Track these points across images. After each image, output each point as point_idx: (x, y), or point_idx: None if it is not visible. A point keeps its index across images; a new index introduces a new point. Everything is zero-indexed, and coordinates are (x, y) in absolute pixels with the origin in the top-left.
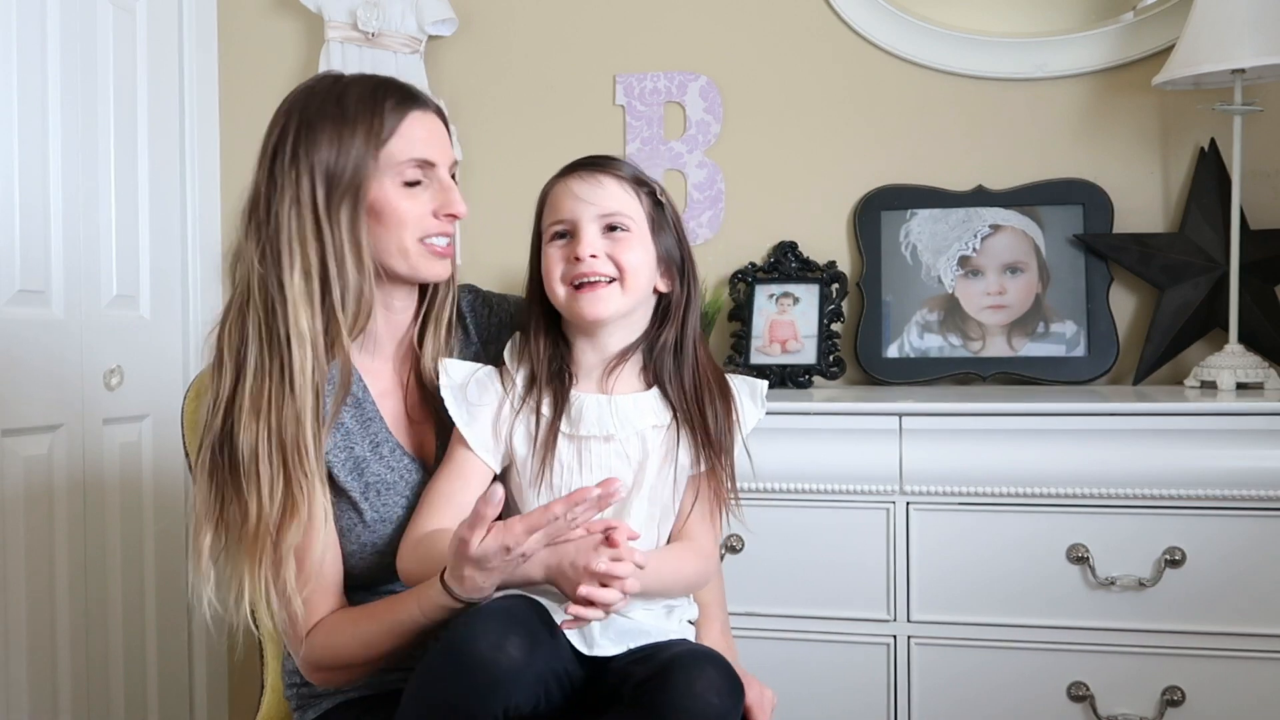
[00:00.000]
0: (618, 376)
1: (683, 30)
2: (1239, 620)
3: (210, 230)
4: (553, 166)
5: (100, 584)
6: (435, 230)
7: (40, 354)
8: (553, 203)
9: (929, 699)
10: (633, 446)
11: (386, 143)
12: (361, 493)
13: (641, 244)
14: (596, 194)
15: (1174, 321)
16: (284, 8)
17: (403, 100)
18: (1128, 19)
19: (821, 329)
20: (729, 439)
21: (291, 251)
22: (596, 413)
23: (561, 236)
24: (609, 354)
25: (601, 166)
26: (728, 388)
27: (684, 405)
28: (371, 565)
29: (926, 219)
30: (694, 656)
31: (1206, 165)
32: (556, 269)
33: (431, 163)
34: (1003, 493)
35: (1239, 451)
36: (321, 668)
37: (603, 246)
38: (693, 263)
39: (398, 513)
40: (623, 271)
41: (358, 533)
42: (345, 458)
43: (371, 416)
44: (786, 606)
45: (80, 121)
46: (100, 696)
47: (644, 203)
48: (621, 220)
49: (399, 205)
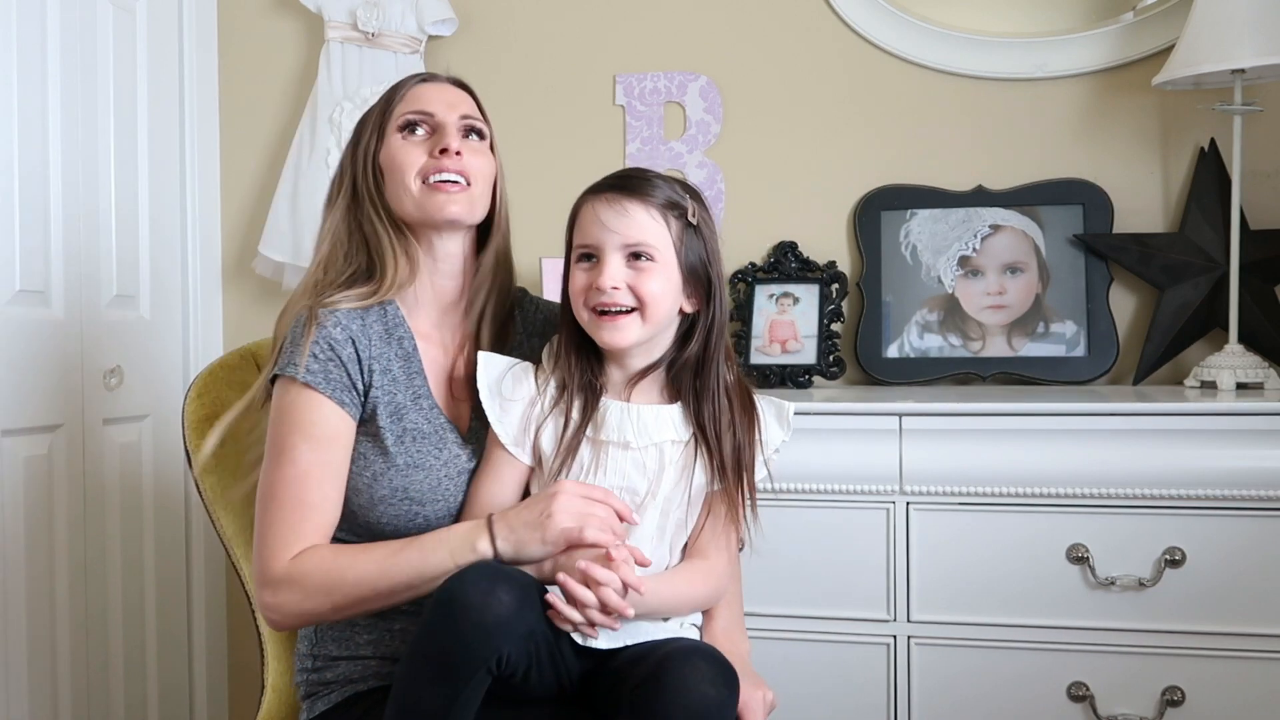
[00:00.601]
0: (640, 388)
1: (683, 30)
2: (1239, 620)
3: (210, 230)
4: (553, 167)
5: (100, 584)
6: (433, 169)
7: (40, 354)
8: (581, 224)
9: (929, 699)
10: (650, 457)
11: (393, 110)
12: (398, 437)
13: (665, 273)
14: (621, 223)
15: (1174, 321)
16: (284, 8)
17: (418, 79)
18: (1128, 19)
19: (821, 329)
20: (749, 459)
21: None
22: (619, 420)
23: (587, 259)
24: (631, 371)
25: (630, 191)
26: (753, 410)
27: (702, 424)
28: (402, 514)
29: (926, 219)
30: (685, 651)
31: (1206, 165)
32: (580, 293)
33: (429, 112)
34: (1003, 493)
35: (1239, 451)
36: (299, 581)
37: (624, 277)
38: (721, 284)
39: (430, 461)
40: (643, 303)
41: (389, 477)
42: (388, 400)
43: (417, 371)
44: (786, 606)
45: (80, 121)
46: (100, 696)
47: (673, 228)
48: (646, 249)
49: (396, 152)
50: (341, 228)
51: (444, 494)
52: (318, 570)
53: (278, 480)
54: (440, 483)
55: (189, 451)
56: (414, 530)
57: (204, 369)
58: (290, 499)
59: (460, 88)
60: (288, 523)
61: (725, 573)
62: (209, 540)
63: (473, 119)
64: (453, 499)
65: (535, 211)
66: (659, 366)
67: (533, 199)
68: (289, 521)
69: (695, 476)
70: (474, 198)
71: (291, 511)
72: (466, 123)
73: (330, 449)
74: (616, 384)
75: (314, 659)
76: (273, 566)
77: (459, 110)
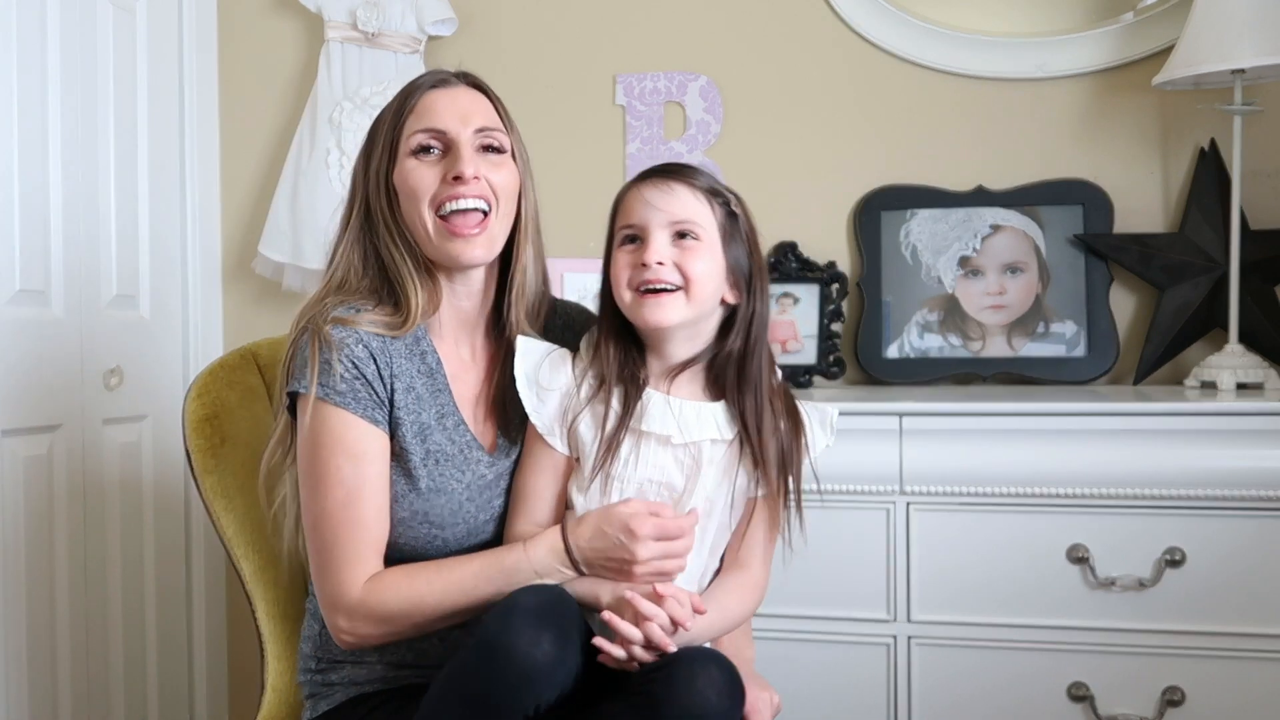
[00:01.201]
0: (680, 383)
1: (683, 30)
2: (1239, 620)
3: (210, 230)
4: (553, 166)
5: (100, 584)
6: (447, 195)
7: (40, 354)
8: (625, 207)
9: (929, 699)
10: (689, 454)
11: (404, 124)
12: (422, 459)
13: (710, 253)
14: (668, 200)
15: (1174, 321)
16: (284, 8)
17: (430, 84)
18: (1128, 19)
19: (822, 329)
20: (795, 466)
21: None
22: (661, 412)
23: (631, 241)
24: (672, 362)
25: (676, 174)
26: (798, 414)
27: (745, 423)
28: (420, 536)
29: (926, 219)
30: (698, 655)
31: (1206, 165)
32: (624, 274)
33: (441, 130)
34: (1003, 493)
35: (1239, 451)
36: (378, 614)
37: (671, 255)
38: (764, 277)
39: (452, 485)
40: (689, 280)
41: (410, 500)
42: (413, 420)
43: (441, 388)
44: (786, 606)
45: (80, 121)
46: (100, 696)
47: (717, 213)
48: (691, 228)
49: (408, 176)
50: (356, 251)
51: (465, 517)
52: (395, 600)
53: (328, 504)
54: (461, 506)
55: (189, 451)
56: (433, 553)
57: (204, 369)
58: (346, 520)
59: (475, 88)
60: (350, 545)
61: (765, 584)
62: (209, 540)
63: (489, 131)
64: (473, 519)
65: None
66: (700, 360)
67: None
68: (350, 543)
69: (738, 479)
70: (493, 235)
71: (349, 533)
72: (482, 138)
73: (373, 464)
74: (657, 376)
75: (318, 660)
76: (345, 594)
77: (473, 124)
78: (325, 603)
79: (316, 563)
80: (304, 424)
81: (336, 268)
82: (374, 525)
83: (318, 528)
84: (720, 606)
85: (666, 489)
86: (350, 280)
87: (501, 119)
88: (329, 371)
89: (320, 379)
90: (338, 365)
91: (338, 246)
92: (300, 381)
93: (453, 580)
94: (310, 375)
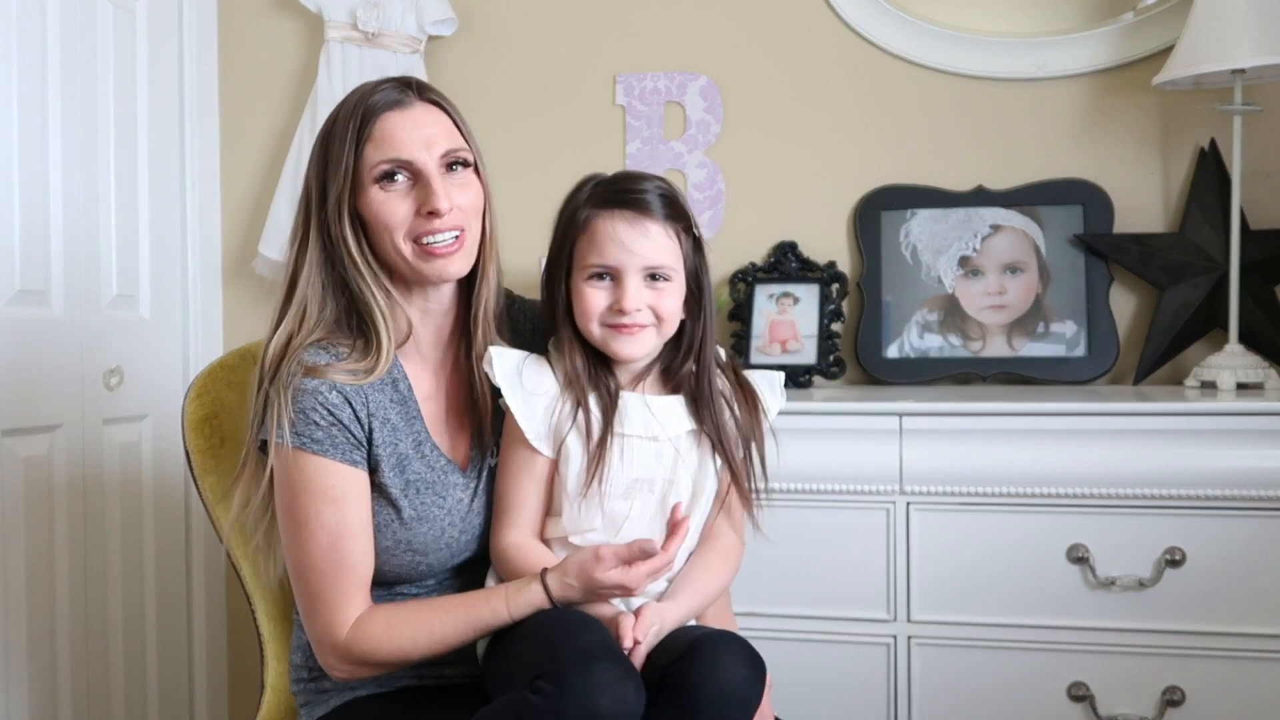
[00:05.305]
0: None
1: (683, 30)
2: (1239, 620)
3: (210, 230)
4: (553, 167)
5: (100, 584)
6: (424, 230)
7: (40, 354)
8: (595, 241)
9: (929, 699)
10: (669, 446)
11: (364, 152)
12: (402, 490)
13: (678, 290)
14: (643, 245)
15: (1174, 321)
16: (284, 8)
17: (385, 104)
18: (1128, 19)
19: (822, 329)
20: (757, 436)
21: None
22: (639, 413)
23: (601, 277)
24: (638, 370)
25: (647, 211)
26: (748, 386)
27: (700, 405)
28: (404, 564)
29: (926, 219)
30: (716, 635)
31: (1206, 165)
32: (595, 309)
33: (407, 160)
34: (1003, 493)
35: (1239, 451)
36: (366, 661)
37: (646, 298)
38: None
39: (434, 512)
40: (660, 319)
41: (394, 529)
42: (390, 453)
43: (415, 415)
44: (786, 606)
45: (80, 121)
46: (100, 696)
47: (683, 244)
48: (665, 271)
49: (378, 209)
50: (318, 281)
51: (447, 542)
52: (379, 652)
53: (311, 549)
54: (444, 532)
55: (189, 451)
56: (417, 577)
57: (204, 369)
58: (330, 564)
59: (433, 105)
60: (335, 588)
61: (740, 548)
62: (209, 540)
63: (454, 152)
64: (454, 544)
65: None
66: (660, 360)
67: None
68: (335, 586)
69: (717, 460)
70: (469, 249)
71: (335, 575)
72: (449, 159)
73: (354, 506)
74: (626, 380)
75: (309, 670)
76: (333, 635)
77: (438, 149)
78: (314, 641)
79: (303, 605)
80: (281, 470)
81: (299, 302)
82: (359, 566)
83: (302, 571)
84: (698, 585)
85: (649, 485)
86: (312, 312)
87: (462, 134)
88: (305, 420)
89: (295, 429)
90: (313, 414)
91: (297, 274)
92: (278, 431)
93: (436, 636)
94: (285, 426)
